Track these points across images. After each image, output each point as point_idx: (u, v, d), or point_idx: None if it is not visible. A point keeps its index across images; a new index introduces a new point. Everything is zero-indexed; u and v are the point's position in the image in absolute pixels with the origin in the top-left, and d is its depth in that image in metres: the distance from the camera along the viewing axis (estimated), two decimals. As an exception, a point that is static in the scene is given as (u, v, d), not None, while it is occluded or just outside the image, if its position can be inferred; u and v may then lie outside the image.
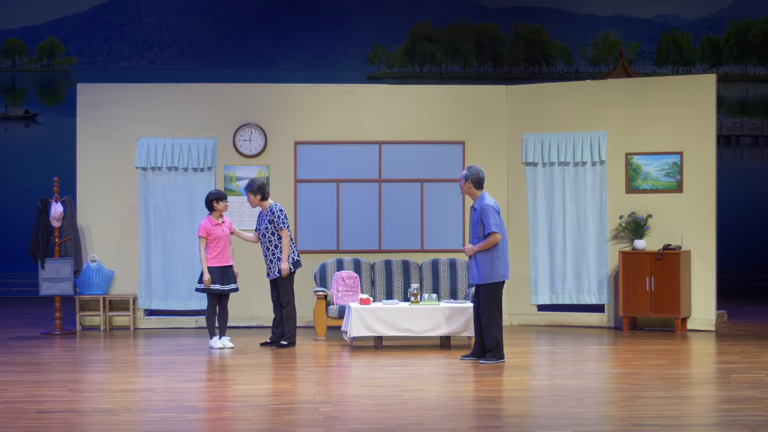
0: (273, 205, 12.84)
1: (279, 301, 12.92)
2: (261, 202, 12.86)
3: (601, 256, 14.74)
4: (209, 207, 12.74)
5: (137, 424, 8.38)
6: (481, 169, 11.61)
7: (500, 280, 11.44)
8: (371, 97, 15.26)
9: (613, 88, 14.91)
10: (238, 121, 14.99)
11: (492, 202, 11.43)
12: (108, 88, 15.23)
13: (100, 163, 14.88)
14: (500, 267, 11.41)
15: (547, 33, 22.23)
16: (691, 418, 8.59)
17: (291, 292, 12.91)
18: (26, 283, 19.22)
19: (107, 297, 14.65)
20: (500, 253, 11.40)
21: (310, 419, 8.46)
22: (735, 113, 22.34)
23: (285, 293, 12.85)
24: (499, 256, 11.40)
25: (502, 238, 11.39)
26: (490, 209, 11.33)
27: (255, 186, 12.81)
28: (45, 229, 14.32)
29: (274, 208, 12.80)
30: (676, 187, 14.48)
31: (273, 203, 12.88)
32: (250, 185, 12.86)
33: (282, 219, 12.75)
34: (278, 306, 12.95)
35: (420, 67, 22.19)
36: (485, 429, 8.14)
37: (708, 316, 14.29)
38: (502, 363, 11.40)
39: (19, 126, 21.64)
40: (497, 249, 11.38)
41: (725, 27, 22.23)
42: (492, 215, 11.31)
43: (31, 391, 9.71)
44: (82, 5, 21.63)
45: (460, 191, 11.72)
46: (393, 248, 15.02)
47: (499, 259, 11.40)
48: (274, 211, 12.76)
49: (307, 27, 21.83)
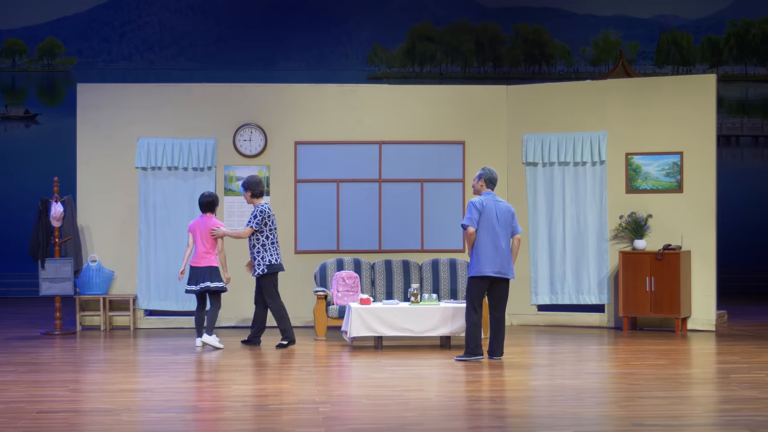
0: (259, 204, 12.81)
1: (261, 300, 12.91)
2: (252, 200, 12.83)
3: (601, 256, 14.74)
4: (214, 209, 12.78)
5: (137, 424, 8.38)
6: (494, 170, 11.74)
7: (475, 275, 11.45)
8: (371, 97, 15.26)
9: (613, 88, 14.91)
10: (238, 121, 14.99)
11: (478, 199, 11.47)
12: (108, 88, 15.24)
13: (100, 163, 14.88)
14: (476, 263, 11.43)
15: (547, 33, 22.23)
16: (691, 418, 8.59)
17: (274, 293, 12.83)
18: (26, 283, 19.21)
19: (107, 297, 14.66)
20: (479, 249, 11.42)
21: (310, 419, 8.46)
22: (735, 113, 22.34)
23: (268, 293, 12.82)
24: (478, 251, 11.43)
25: (485, 234, 11.39)
26: (470, 204, 11.47)
27: (246, 182, 12.83)
28: (45, 229, 14.32)
29: (257, 207, 12.79)
30: (676, 187, 14.47)
31: (261, 203, 12.81)
32: (244, 181, 12.90)
33: (254, 215, 12.69)
34: (258, 304, 12.95)
35: (420, 67, 22.19)
36: (485, 429, 8.14)
37: (708, 316, 14.29)
38: (479, 360, 11.43)
39: (19, 126, 21.64)
40: (477, 244, 11.41)
41: (725, 27, 22.23)
42: (467, 209, 11.49)
43: (31, 391, 9.71)
44: (82, 5, 21.64)
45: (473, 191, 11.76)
46: (393, 248, 15.02)
47: (477, 254, 11.43)
48: (254, 210, 12.77)
49: (307, 27, 21.83)
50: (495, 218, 11.47)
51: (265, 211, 12.70)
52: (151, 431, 8.21)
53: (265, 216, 12.69)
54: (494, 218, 11.47)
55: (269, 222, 12.74)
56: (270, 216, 12.74)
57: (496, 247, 11.44)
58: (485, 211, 11.44)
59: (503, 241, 11.49)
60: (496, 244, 11.45)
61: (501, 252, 11.47)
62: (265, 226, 12.72)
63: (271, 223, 12.74)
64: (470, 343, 11.53)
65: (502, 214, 11.52)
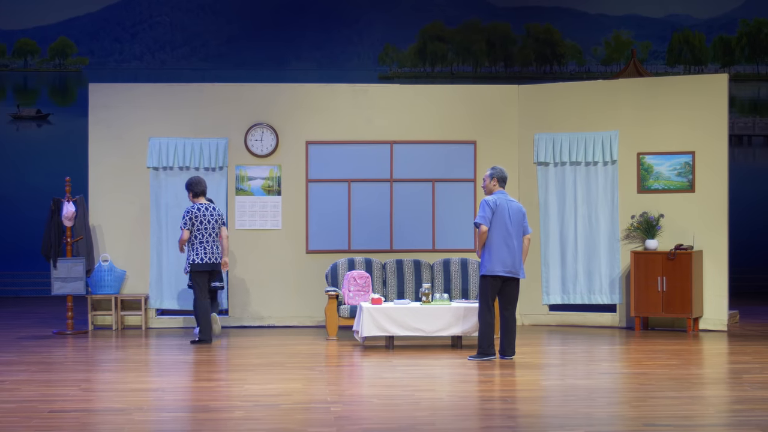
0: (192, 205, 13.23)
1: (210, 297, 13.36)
2: (193, 199, 13.22)
3: (613, 256, 14.72)
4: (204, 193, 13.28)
5: (149, 424, 8.40)
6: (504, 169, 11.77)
7: (485, 273, 11.45)
8: (382, 96, 15.26)
9: (625, 87, 14.89)
10: (249, 120, 15.00)
11: (491, 198, 11.46)
12: (120, 88, 15.25)
13: (111, 162, 14.91)
14: (488, 261, 11.44)
15: (559, 33, 22.21)
16: (703, 419, 8.57)
17: (197, 291, 13.13)
18: (38, 283, 19.26)
19: (119, 296, 14.68)
20: (491, 248, 11.43)
21: (322, 419, 8.46)
22: (747, 113, 22.29)
23: (194, 290, 13.24)
24: (490, 250, 11.43)
25: (497, 233, 11.39)
26: (483, 202, 11.47)
27: (187, 183, 13.30)
28: (57, 228, 14.35)
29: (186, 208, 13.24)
30: (687, 186, 14.45)
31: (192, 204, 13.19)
32: (186, 182, 13.36)
33: (182, 217, 13.12)
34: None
35: (431, 67, 22.19)
36: (496, 429, 8.14)
37: (720, 316, 14.26)
38: (491, 360, 11.43)
39: (31, 126, 21.69)
40: (489, 243, 11.42)
41: (737, 26, 22.18)
42: (480, 207, 11.48)
43: (43, 391, 9.73)
44: (93, 5, 21.68)
45: (484, 189, 11.73)
46: (404, 248, 15.02)
47: (489, 252, 11.43)
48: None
49: (319, 27, 21.84)
50: (507, 217, 11.46)
51: (191, 212, 13.07)
52: (163, 431, 8.22)
53: (192, 216, 13.04)
54: (507, 217, 11.46)
55: (197, 222, 13.04)
56: (197, 216, 13.05)
57: (508, 247, 11.44)
58: (498, 210, 11.43)
59: (515, 241, 11.48)
60: (509, 244, 11.44)
61: (513, 251, 11.47)
62: (192, 225, 13.05)
63: (199, 223, 13.06)
64: (483, 343, 11.53)
65: (514, 214, 11.51)
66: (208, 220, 13.08)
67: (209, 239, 13.07)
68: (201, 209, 13.10)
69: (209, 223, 13.08)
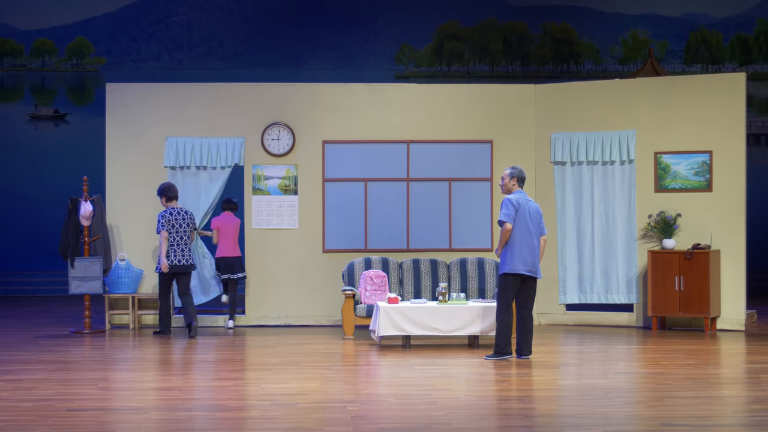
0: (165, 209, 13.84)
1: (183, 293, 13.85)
2: (166, 204, 13.81)
3: (630, 255, 14.69)
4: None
5: (166, 423, 8.41)
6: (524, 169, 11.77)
7: (507, 271, 11.44)
8: (399, 96, 15.26)
9: (642, 87, 14.85)
10: (266, 120, 15.02)
11: (513, 197, 11.45)
12: (137, 88, 15.29)
13: (129, 162, 14.94)
14: (510, 259, 11.43)
15: (576, 32, 22.17)
16: (720, 419, 8.54)
17: (160, 291, 13.97)
18: (56, 282, 19.33)
19: (136, 296, 14.71)
20: (514, 246, 11.42)
21: (338, 418, 8.47)
22: (765, 112, 22.21)
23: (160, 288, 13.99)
24: (513, 249, 11.42)
25: (519, 232, 11.38)
26: (506, 200, 11.43)
27: (159, 188, 13.92)
28: (74, 228, 14.39)
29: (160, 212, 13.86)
30: (705, 186, 14.41)
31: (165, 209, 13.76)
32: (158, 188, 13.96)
33: (157, 221, 13.71)
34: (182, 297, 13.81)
35: (448, 66, 22.18)
36: (513, 428, 8.13)
37: (737, 316, 14.22)
38: (507, 359, 11.42)
39: (49, 125, 21.77)
40: (511, 241, 11.41)
41: (755, 25, 22.10)
42: (503, 206, 11.43)
43: (60, 389, 9.76)
44: (111, 5, 21.74)
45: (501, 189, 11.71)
46: (421, 247, 15.01)
47: (511, 251, 11.42)
48: None
49: (335, 26, 21.85)
50: (528, 217, 11.47)
51: (165, 215, 13.66)
52: (180, 429, 8.23)
53: (165, 220, 13.61)
54: (528, 217, 11.46)
55: (168, 226, 13.65)
56: (170, 220, 13.64)
57: (529, 246, 11.45)
58: (520, 209, 11.43)
59: (535, 240, 11.50)
60: (529, 243, 11.45)
61: (533, 251, 11.48)
62: (169, 228, 13.67)
63: (171, 227, 13.65)
64: (500, 342, 11.52)
65: (533, 214, 11.52)
66: (180, 223, 13.71)
67: (180, 242, 13.72)
68: (173, 213, 13.72)
69: (181, 226, 13.73)
